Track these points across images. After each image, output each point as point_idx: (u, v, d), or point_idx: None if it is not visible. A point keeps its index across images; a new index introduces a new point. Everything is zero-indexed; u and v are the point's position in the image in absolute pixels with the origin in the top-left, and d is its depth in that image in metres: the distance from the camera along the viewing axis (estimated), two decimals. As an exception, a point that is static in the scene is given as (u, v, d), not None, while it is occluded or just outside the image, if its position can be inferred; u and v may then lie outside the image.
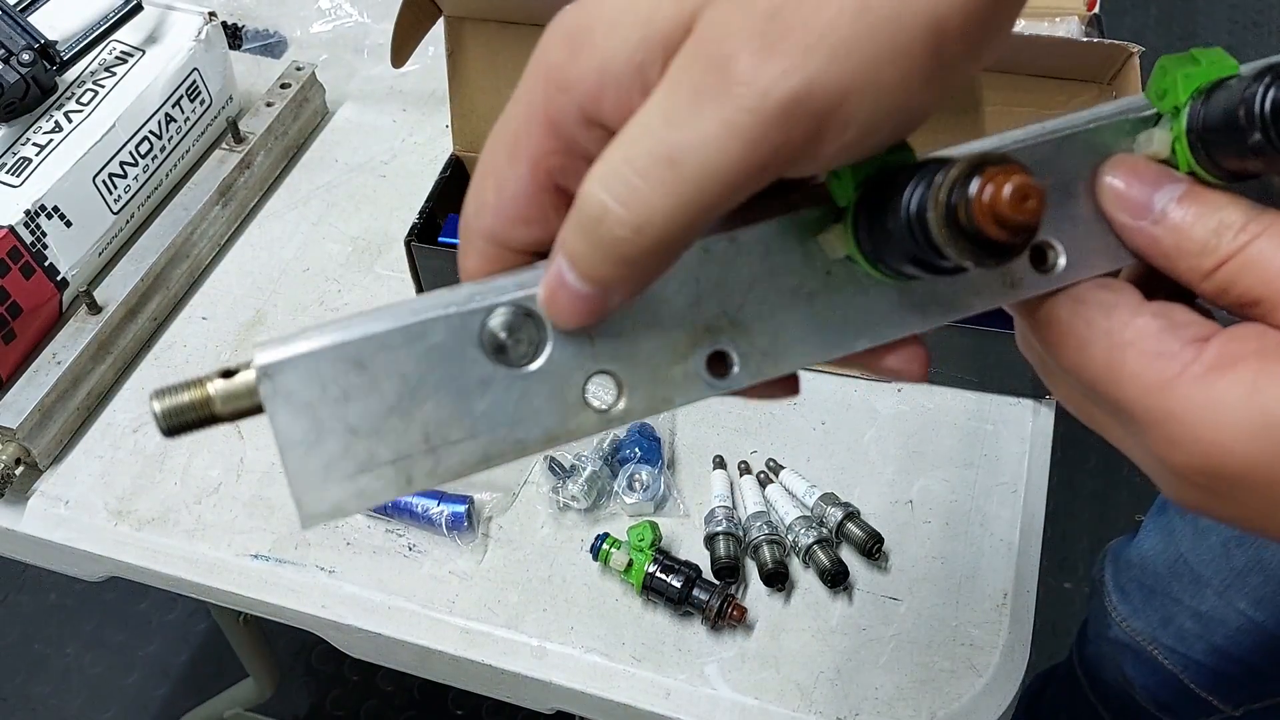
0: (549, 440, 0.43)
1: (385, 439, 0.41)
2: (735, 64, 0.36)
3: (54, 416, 1.11)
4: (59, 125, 1.19)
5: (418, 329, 0.42)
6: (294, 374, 0.41)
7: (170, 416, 0.42)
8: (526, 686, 0.97)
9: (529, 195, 0.44)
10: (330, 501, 0.41)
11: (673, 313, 0.44)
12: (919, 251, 0.39)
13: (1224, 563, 1.21)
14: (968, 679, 0.94)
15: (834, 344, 0.45)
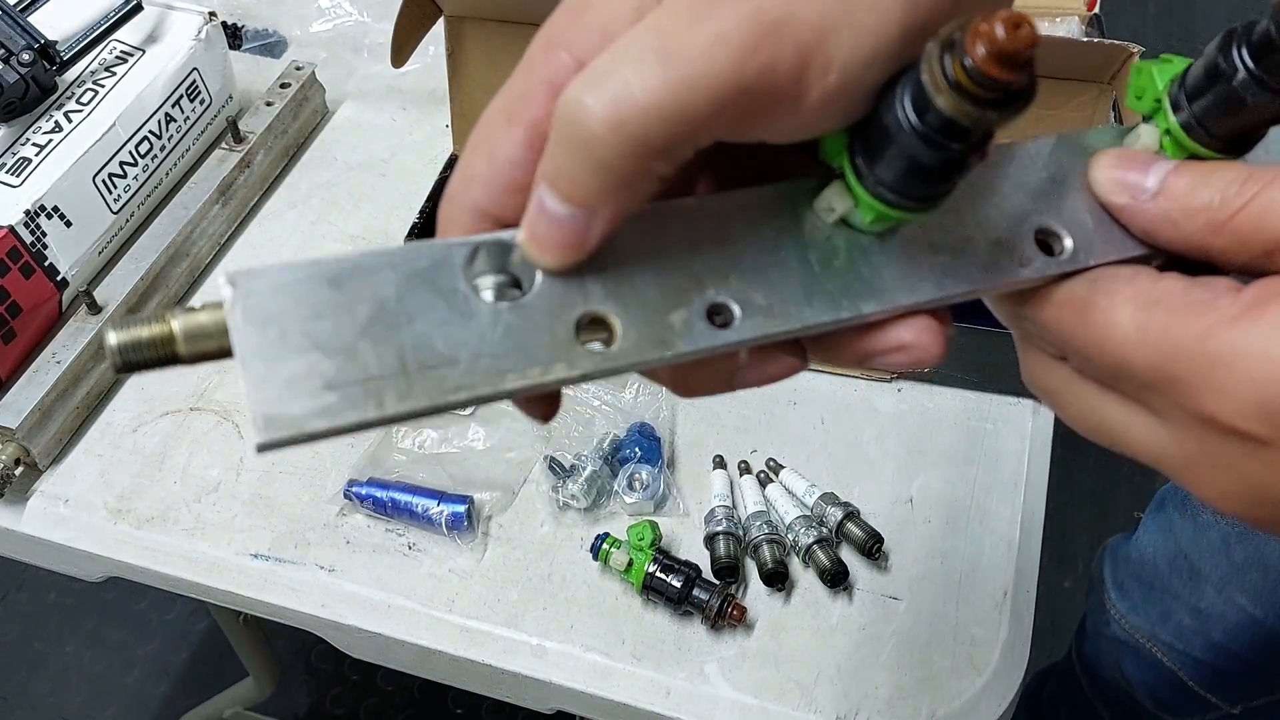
0: (536, 376, 0.40)
1: (356, 359, 0.39)
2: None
3: (53, 416, 1.10)
4: (59, 125, 1.19)
5: (399, 255, 0.41)
6: (263, 282, 0.39)
7: (126, 351, 0.39)
8: (526, 686, 0.97)
9: (523, 160, 0.43)
10: (291, 415, 0.38)
11: (669, 261, 0.43)
12: (928, 144, 0.38)
13: (1224, 558, 1.21)
14: (968, 677, 0.94)
15: (839, 306, 0.44)
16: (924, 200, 0.42)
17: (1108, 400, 0.45)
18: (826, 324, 0.43)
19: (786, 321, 0.43)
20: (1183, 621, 1.28)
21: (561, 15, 0.42)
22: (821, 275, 0.44)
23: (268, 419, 0.37)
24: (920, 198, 0.41)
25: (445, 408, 0.39)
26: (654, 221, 0.44)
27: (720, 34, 0.37)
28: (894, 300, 0.44)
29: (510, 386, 0.40)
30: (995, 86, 0.36)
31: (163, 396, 1.16)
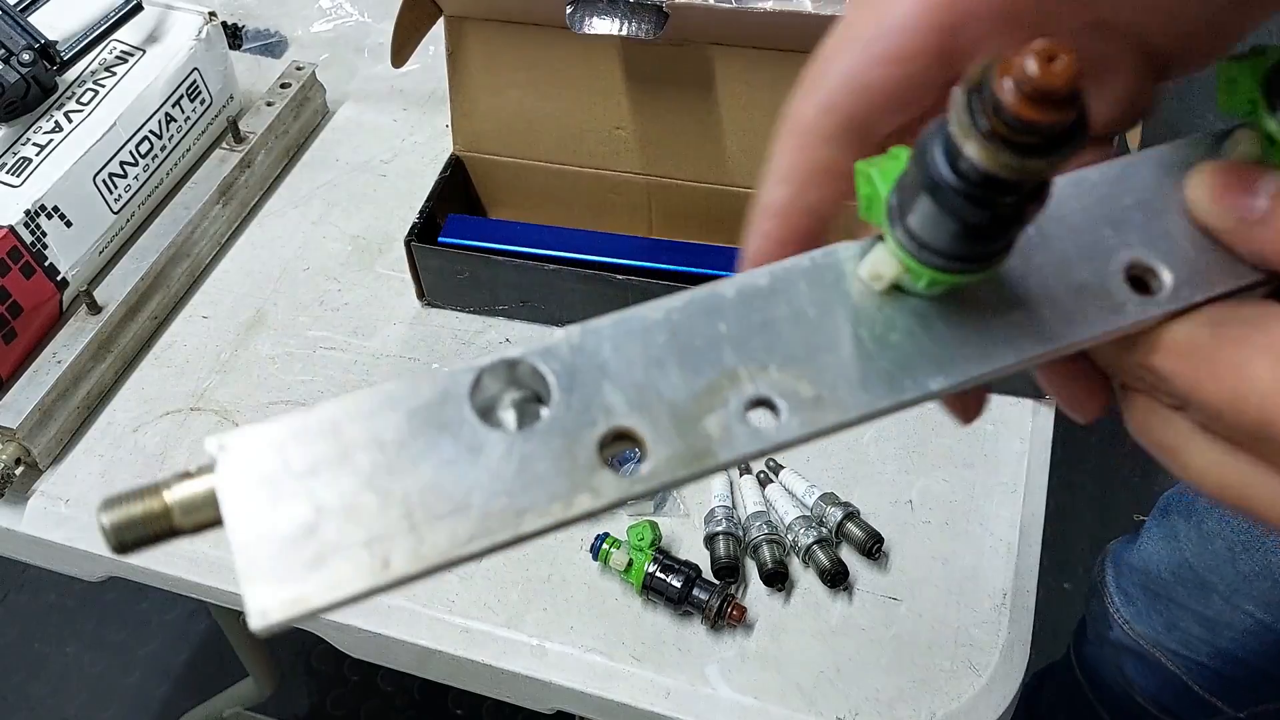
0: (557, 513, 0.36)
1: (358, 517, 0.35)
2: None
3: (54, 416, 1.10)
4: (59, 125, 1.19)
5: (399, 391, 0.37)
6: (253, 444, 0.36)
7: (122, 531, 0.36)
8: (526, 686, 0.97)
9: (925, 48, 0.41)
10: (289, 594, 0.34)
11: (697, 356, 0.39)
12: (970, 201, 0.34)
13: (1230, 568, 1.20)
14: (967, 678, 0.94)
15: (900, 386, 0.39)
16: (979, 260, 0.38)
17: (1239, 460, 0.40)
18: (886, 409, 0.39)
19: (840, 413, 0.39)
20: (1190, 629, 1.27)
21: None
22: (876, 352, 0.39)
23: (264, 600, 0.34)
24: (974, 258, 0.37)
25: (460, 562, 0.36)
26: (679, 315, 0.40)
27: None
28: (965, 372, 0.39)
29: (529, 529, 0.36)
30: (1034, 131, 0.32)
31: (163, 397, 1.16)
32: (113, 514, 0.36)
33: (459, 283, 1.17)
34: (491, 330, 1.19)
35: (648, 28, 1.02)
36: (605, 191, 1.20)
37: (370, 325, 1.21)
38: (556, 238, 1.16)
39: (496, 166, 1.23)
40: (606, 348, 0.39)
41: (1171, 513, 1.30)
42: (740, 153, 1.13)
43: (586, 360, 0.39)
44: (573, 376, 0.38)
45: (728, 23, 1.04)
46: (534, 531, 0.36)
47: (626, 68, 1.11)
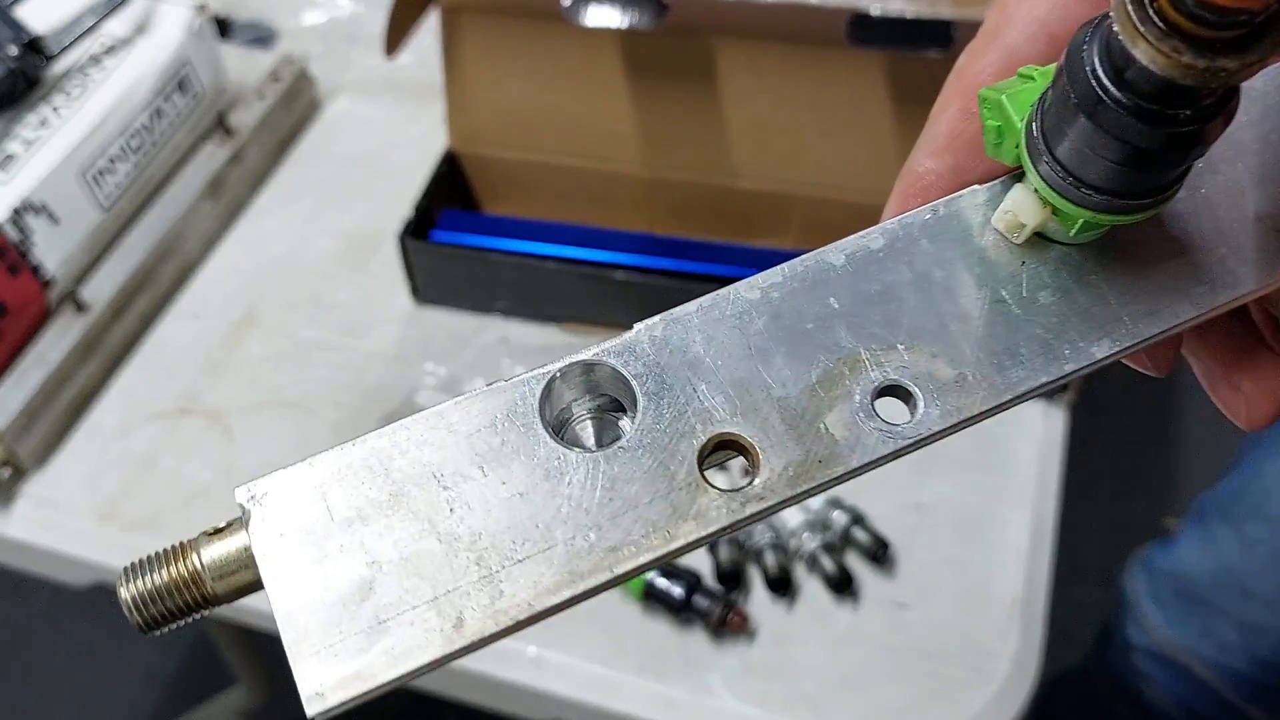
0: (658, 545, 0.31)
1: (421, 569, 0.30)
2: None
3: (40, 418, 1.08)
4: (46, 120, 1.16)
5: (455, 414, 0.32)
6: (290, 490, 0.31)
7: (147, 605, 0.32)
8: (525, 697, 0.95)
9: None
10: (348, 670, 0.29)
11: (806, 341, 0.33)
12: (1141, 119, 0.28)
13: (1273, 575, 1.19)
14: (978, 687, 0.92)
15: (1059, 356, 0.33)
16: (1147, 196, 0.31)
17: None
18: (1046, 384, 0.33)
19: (991, 395, 0.33)
20: (1227, 636, 1.26)
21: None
22: (1024, 317, 0.33)
23: (319, 680, 0.29)
24: (1141, 194, 0.31)
25: (545, 616, 0.31)
26: (778, 292, 0.35)
27: None
28: (1134, 333, 0.33)
29: (626, 568, 0.31)
30: (1225, 20, 0.25)
31: (151, 398, 1.14)
32: (135, 586, 0.32)
33: (453, 280, 1.15)
34: (488, 329, 1.17)
35: (648, 18, 1.00)
36: (604, 187, 1.18)
37: (363, 324, 1.19)
38: (554, 233, 1.14)
39: (492, 161, 1.21)
40: (697, 340, 0.33)
41: (1210, 517, 1.28)
42: (743, 146, 1.11)
43: (674, 357, 0.33)
44: (660, 378, 0.33)
45: (730, 12, 1.02)
46: (631, 571, 0.31)
47: (626, 60, 1.09)
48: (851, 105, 1.05)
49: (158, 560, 0.32)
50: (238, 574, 0.31)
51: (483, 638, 0.30)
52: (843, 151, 1.07)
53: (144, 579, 0.32)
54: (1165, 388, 2.40)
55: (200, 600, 0.32)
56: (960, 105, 0.37)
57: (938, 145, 0.38)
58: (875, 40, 0.97)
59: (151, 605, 0.32)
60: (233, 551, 0.31)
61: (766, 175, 1.11)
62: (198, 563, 0.32)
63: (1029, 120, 0.33)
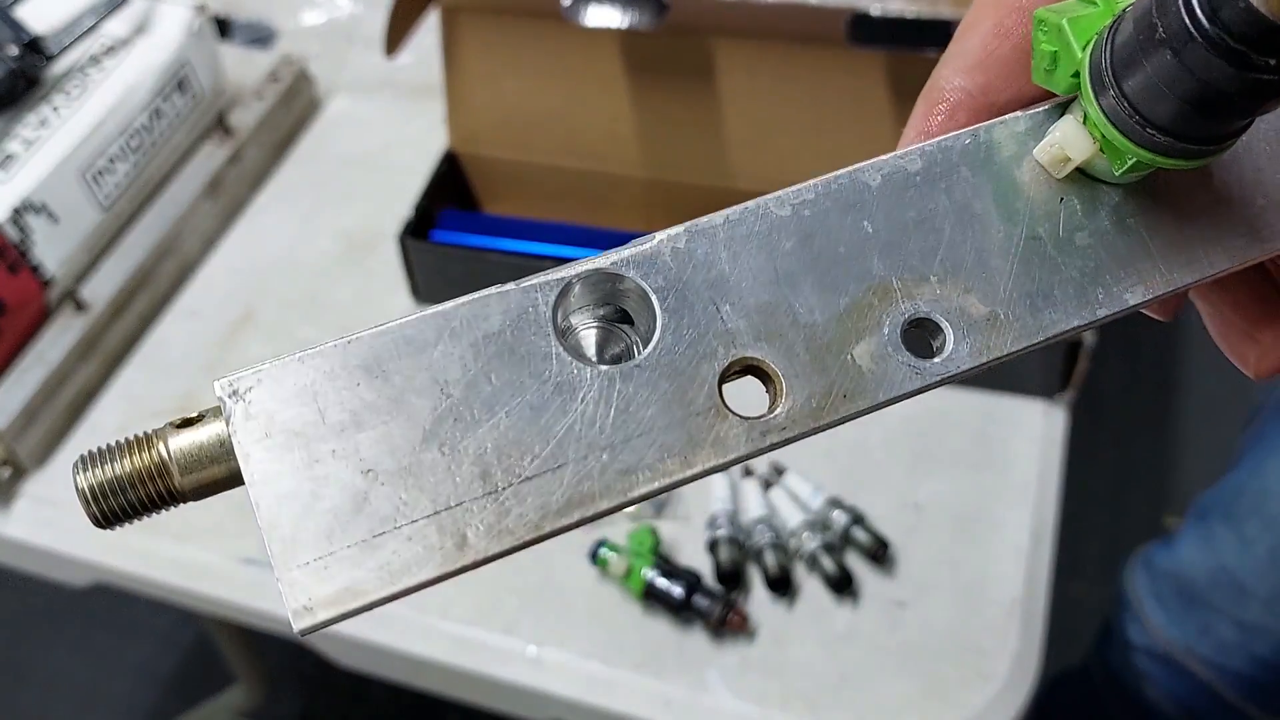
0: (674, 472, 0.29)
1: (421, 481, 0.28)
2: None
3: (40, 417, 1.08)
4: (46, 120, 1.16)
5: (460, 314, 0.30)
6: (276, 388, 0.29)
7: (105, 496, 0.30)
8: (523, 696, 0.95)
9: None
10: (340, 585, 0.27)
11: (836, 268, 0.32)
12: (1231, 60, 0.27)
13: (1271, 574, 1.19)
14: (977, 687, 0.92)
15: (1093, 300, 0.32)
16: (1211, 142, 0.30)
17: None
18: (1076, 328, 0.32)
19: (1022, 335, 0.32)
20: (1225, 635, 1.26)
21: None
22: (1059, 257, 0.32)
23: (308, 592, 0.27)
24: (1207, 139, 0.30)
25: (552, 535, 0.29)
26: (809, 210, 0.33)
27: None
28: (1169, 281, 0.32)
29: (640, 491, 0.29)
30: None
31: (150, 397, 1.14)
32: (94, 474, 0.30)
33: (453, 280, 1.15)
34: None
35: (648, 18, 1.00)
36: (604, 187, 1.18)
37: (362, 323, 1.18)
38: (554, 233, 1.14)
39: (492, 162, 1.21)
40: (722, 257, 0.32)
41: (1209, 516, 1.28)
42: (743, 147, 1.11)
43: (697, 273, 0.32)
44: (681, 295, 0.31)
45: (730, 12, 1.01)
46: (645, 495, 0.29)
47: (626, 60, 1.09)
48: (851, 105, 1.05)
49: (120, 449, 0.30)
50: (209, 468, 0.29)
51: (486, 557, 0.28)
52: (842, 152, 1.07)
53: (104, 467, 0.30)
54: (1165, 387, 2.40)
55: (165, 494, 0.30)
56: (995, 20, 0.35)
57: (969, 62, 0.36)
58: (875, 40, 0.97)
59: (111, 497, 0.30)
60: (205, 443, 0.29)
61: (766, 176, 1.11)
62: (165, 453, 0.30)
63: (1094, 50, 0.31)
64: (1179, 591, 1.31)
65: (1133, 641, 1.38)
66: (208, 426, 0.30)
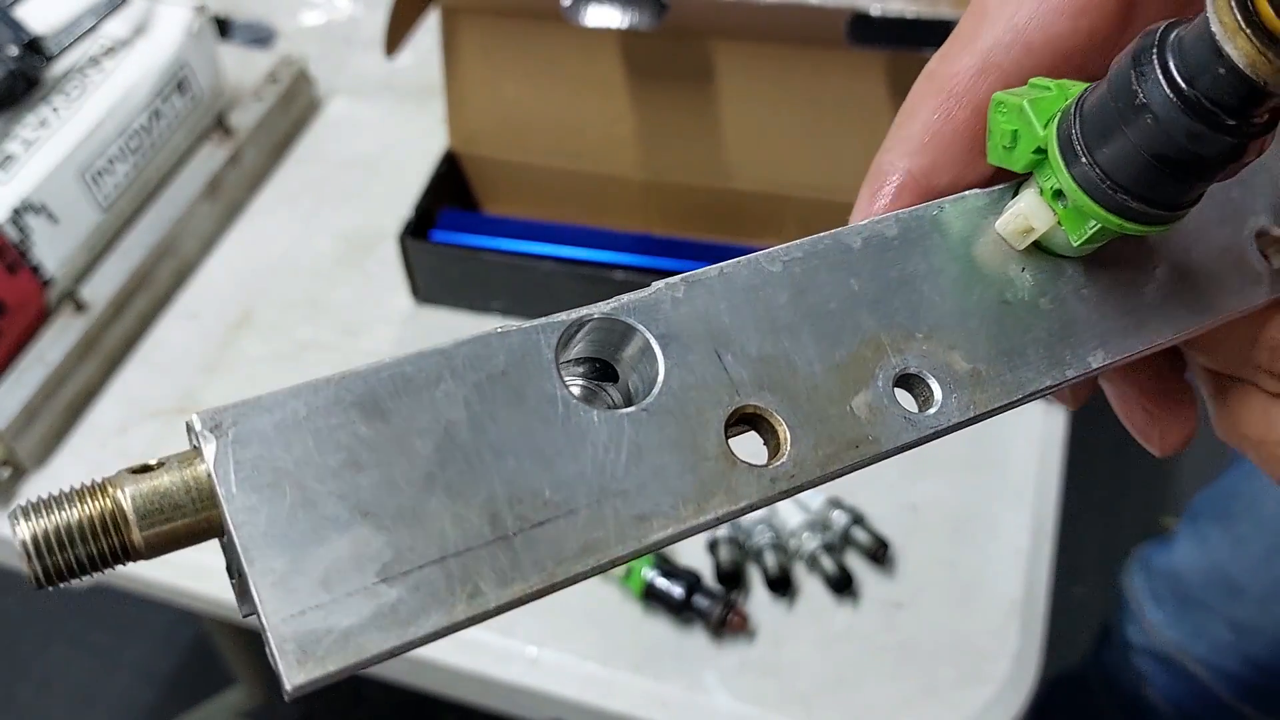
0: (688, 518, 0.29)
1: (425, 525, 0.27)
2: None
3: (39, 417, 1.08)
4: (46, 120, 1.16)
5: (462, 354, 0.29)
6: (265, 420, 0.27)
7: (50, 551, 0.26)
8: (521, 696, 0.95)
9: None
10: (338, 632, 0.25)
11: (830, 321, 0.33)
12: (1204, 120, 0.29)
13: (1265, 573, 1.20)
14: (976, 688, 0.92)
15: (1060, 360, 0.34)
16: (1174, 208, 0.32)
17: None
18: (1049, 387, 0.34)
19: (1002, 392, 0.33)
20: (1220, 635, 1.26)
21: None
22: (1029, 320, 0.34)
23: (303, 644, 0.25)
24: (1171, 204, 0.32)
25: (567, 583, 0.28)
26: (799, 268, 0.34)
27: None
28: (1123, 346, 0.34)
29: (656, 538, 0.29)
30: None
31: (149, 398, 1.14)
32: (37, 525, 0.26)
33: (453, 280, 1.15)
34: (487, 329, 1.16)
35: (648, 18, 1.00)
36: (603, 188, 1.18)
37: (361, 324, 1.19)
38: (553, 234, 1.14)
39: (492, 162, 1.21)
40: (721, 307, 0.32)
41: (1203, 516, 1.28)
42: (742, 147, 1.11)
43: (698, 322, 0.32)
44: (683, 342, 0.31)
45: (730, 14, 1.01)
46: (661, 541, 0.29)
47: (625, 61, 1.09)
48: (851, 106, 1.05)
49: (69, 497, 0.27)
50: (171, 520, 0.27)
51: (499, 605, 0.27)
52: (842, 152, 1.07)
53: (51, 517, 0.26)
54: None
55: (119, 550, 0.27)
56: (935, 105, 0.38)
57: (911, 146, 0.38)
58: (875, 40, 0.97)
59: (58, 551, 0.26)
60: (169, 491, 0.27)
61: (765, 177, 1.11)
62: (122, 502, 0.26)
63: (1060, 124, 0.33)
64: (1175, 591, 1.31)
65: (1130, 642, 1.39)
66: (172, 473, 0.27)
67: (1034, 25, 0.36)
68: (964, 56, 0.38)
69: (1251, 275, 0.36)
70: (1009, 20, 0.37)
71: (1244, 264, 0.36)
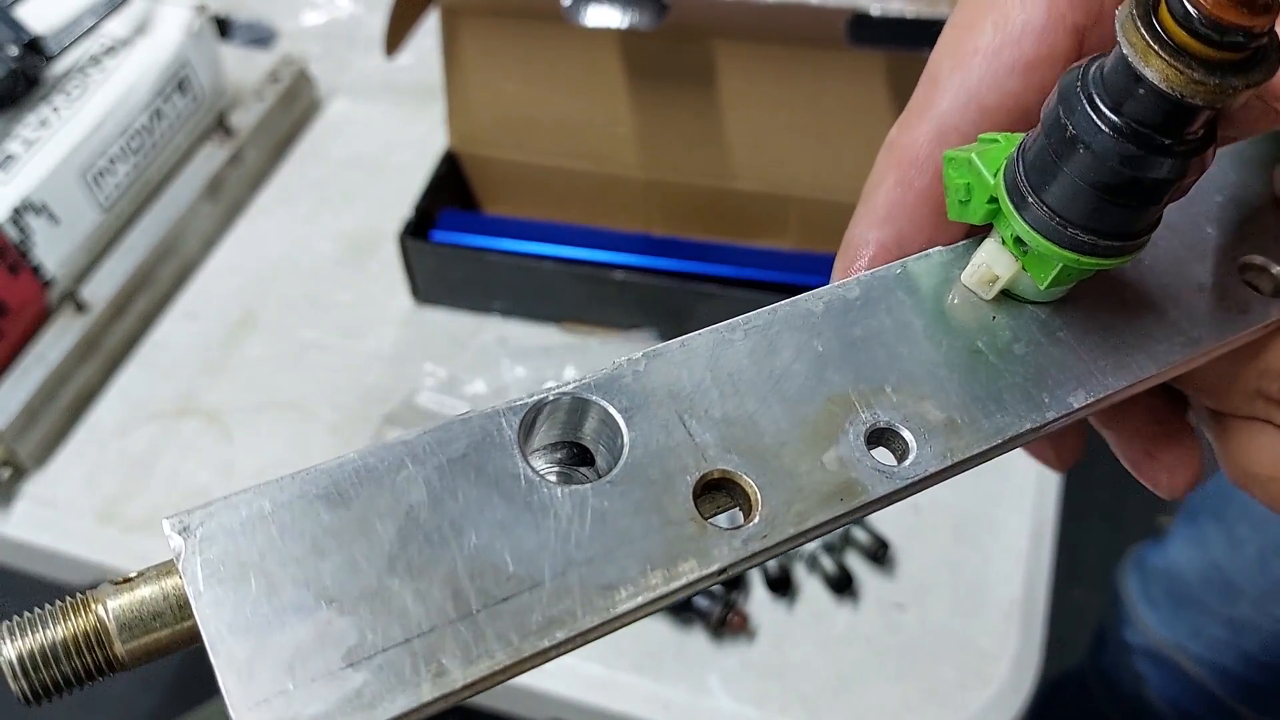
0: (657, 585, 0.29)
1: (388, 606, 0.27)
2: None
3: (40, 418, 1.08)
4: (46, 120, 1.16)
5: (422, 442, 0.29)
6: (229, 518, 0.28)
7: (35, 669, 0.27)
8: (521, 696, 0.95)
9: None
10: (305, 718, 0.25)
11: (795, 380, 0.33)
12: (1139, 143, 0.30)
13: (1260, 573, 1.20)
14: (975, 689, 0.92)
15: (1039, 404, 0.34)
16: (1128, 238, 0.33)
17: None
18: (1029, 432, 0.34)
19: (980, 439, 0.33)
20: (1216, 634, 1.26)
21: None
22: (1003, 367, 0.34)
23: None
24: (1124, 234, 0.32)
25: (536, 659, 0.28)
26: (758, 335, 0.34)
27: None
28: (1105, 385, 0.34)
29: (624, 608, 0.28)
30: (1233, 39, 0.27)
31: (150, 398, 1.14)
32: (20, 644, 0.27)
33: (453, 280, 1.15)
34: (487, 329, 1.16)
35: (648, 18, 1.00)
36: (604, 188, 1.18)
37: (362, 325, 1.19)
38: (553, 233, 1.14)
39: (492, 163, 1.21)
40: (682, 376, 0.32)
41: (1200, 516, 1.28)
42: (742, 147, 1.11)
43: (660, 392, 0.32)
44: (646, 412, 0.31)
45: (730, 14, 1.01)
46: (629, 611, 0.28)
47: (626, 61, 1.09)
48: (851, 106, 1.05)
49: (53, 615, 0.27)
50: (153, 632, 0.27)
51: (465, 684, 0.27)
52: (842, 152, 1.07)
53: (32, 636, 0.27)
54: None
55: (103, 663, 0.28)
56: (897, 176, 0.39)
57: (879, 216, 0.39)
58: (875, 40, 0.97)
59: (44, 669, 0.27)
60: (149, 600, 0.27)
61: (765, 177, 1.11)
62: (104, 616, 0.27)
63: (1008, 170, 0.34)
64: (1170, 591, 1.31)
65: (1127, 642, 1.39)
66: (150, 584, 0.28)
67: (986, 86, 0.37)
68: (920, 125, 0.39)
69: (1236, 307, 0.36)
70: (961, 84, 0.38)
71: (1226, 297, 0.36)
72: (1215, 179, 0.39)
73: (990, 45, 0.37)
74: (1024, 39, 0.37)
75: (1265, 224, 0.38)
